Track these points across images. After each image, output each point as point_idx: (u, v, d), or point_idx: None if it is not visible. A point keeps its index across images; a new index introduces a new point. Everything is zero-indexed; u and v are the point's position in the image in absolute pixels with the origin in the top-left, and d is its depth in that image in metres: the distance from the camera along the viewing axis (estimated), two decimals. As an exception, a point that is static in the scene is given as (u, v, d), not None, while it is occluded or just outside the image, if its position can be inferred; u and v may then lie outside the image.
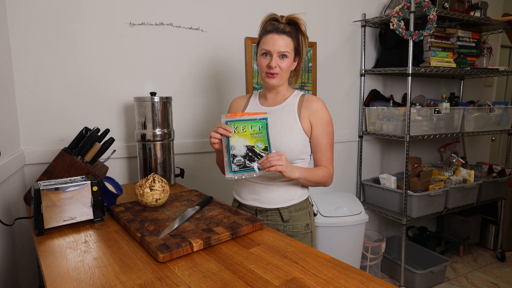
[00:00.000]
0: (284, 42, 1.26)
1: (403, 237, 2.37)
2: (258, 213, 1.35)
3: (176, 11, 1.93)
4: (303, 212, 1.35)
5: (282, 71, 1.28)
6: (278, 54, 1.26)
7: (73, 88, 1.73)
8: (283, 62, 1.27)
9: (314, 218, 1.42)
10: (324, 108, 1.32)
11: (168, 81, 1.95)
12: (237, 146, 1.19)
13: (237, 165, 1.19)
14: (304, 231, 1.35)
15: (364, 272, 0.84)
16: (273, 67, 1.26)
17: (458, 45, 2.49)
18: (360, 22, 2.55)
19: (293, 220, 1.33)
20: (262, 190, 1.33)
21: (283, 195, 1.32)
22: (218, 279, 0.82)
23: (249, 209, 1.38)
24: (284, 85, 1.35)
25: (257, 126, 1.20)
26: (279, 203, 1.32)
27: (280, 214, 1.33)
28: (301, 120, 1.30)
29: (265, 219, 1.34)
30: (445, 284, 2.54)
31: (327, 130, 1.31)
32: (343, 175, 2.67)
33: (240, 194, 1.41)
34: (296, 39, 1.30)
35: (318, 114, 1.30)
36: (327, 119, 1.31)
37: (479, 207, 3.13)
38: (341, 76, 2.56)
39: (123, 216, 1.17)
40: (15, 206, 1.50)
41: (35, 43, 1.63)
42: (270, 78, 1.29)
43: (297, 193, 1.34)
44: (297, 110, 1.31)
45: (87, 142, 1.40)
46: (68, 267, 0.87)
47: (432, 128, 2.42)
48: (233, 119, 1.20)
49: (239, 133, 1.20)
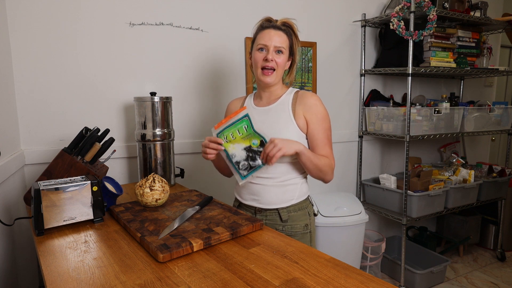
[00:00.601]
0: (281, 38, 1.28)
1: (403, 237, 2.37)
2: (258, 213, 1.36)
3: (176, 11, 1.93)
4: (302, 212, 1.35)
5: (278, 66, 1.29)
6: (274, 49, 1.27)
7: (73, 88, 1.73)
8: (279, 57, 1.28)
9: (314, 218, 1.42)
10: (318, 103, 1.30)
11: (168, 81, 1.95)
12: (237, 153, 1.23)
13: (243, 169, 1.24)
14: (303, 231, 1.35)
15: (364, 272, 0.84)
16: (270, 60, 1.27)
17: (458, 45, 2.49)
18: (360, 22, 2.55)
19: (292, 220, 1.33)
20: (261, 191, 1.33)
21: (281, 196, 1.32)
22: (218, 279, 0.82)
23: (248, 208, 1.38)
24: (279, 83, 1.35)
25: (243, 127, 1.23)
26: (278, 204, 1.32)
27: (279, 214, 1.33)
28: (296, 117, 1.29)
29: (264, 218, 1.34)
30: (445, 284, 2.54)
31: (323, 125, 1.29)
32: (343, 175, 2.67)
33: (240, 194, 1.41)
34: (290, 38, 1.32)
35: (312, 110, 1.28)
36: (323, 114, 1.30)
37: (479, 207, 3.13)
38: (341, 76, 2.55)
39: (123, 216, 1.17)
40: (15, 206, 1.50)
41: (35, 43, 1.63)
42: (265, 76, 1.29)
43: (296, 194, 1.34)
44: (291, 108, 1.30)
45: (87, 142, 1.40)
46: (68, 267, 0.87)
47: (432, 128, 2.42)
48: (221, 129, 1.24)
49: (231, 140, 1.23)
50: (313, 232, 1.39)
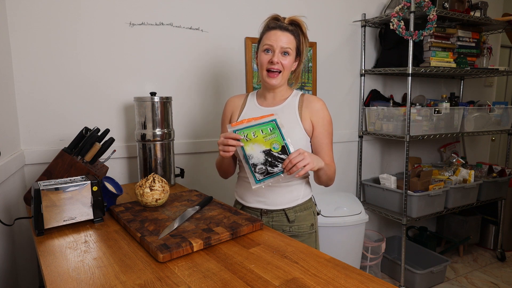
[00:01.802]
0: (287, 39, 1.25)
1: (403, 237, 2.37)
2: (263, 215, 1.34)
3: (176, 11, 1.93)
4: (308, 212, 1.35)
5: (284, 68, 1.26)
6: (280, 51, 1.25)
7: (73, 88, 1.73)
8: (285, 59, 1.26)
9: (317, 218, 1.42)
10: (324, 108, 1.32)
11: (168, 81, 1.95)
12: (255, 154, 1.15)
13: (260, 173, 1.16)
14: (309, 231, 1.35)
15: (364, 272, 0.84)
16: (275, 62, 1.24)
17: (458, 45, 2.49)
18: (360, 22, 2.55)
19: (299, 221, 1.33)
20: (267, 193, 1.31)
21: (288, 196, 1.32)
22: (218, 279, 0.82)
23: (253, 211, 1.36)
24: (284, 85, 1.34)
25: (267, 128, 1.16)
26: (284, 204, 1.32)
27: (286, 215, 1.32)
28: (302, 120, 1.29)
29: (271, 220, 1.33)
30: (445, 284, 2.54)
31: (328, 130, 1.31)
32: (343, 175, 2.67)
33: (243, 197, 1.39)
34: (298, 38, 1.29)
35: (319, 114, 1.30)
36: (328, 119, 1.32)
37: (479, 207, 3.13)
38: (341, 76, 2.55)
39: (123, 216, 1.17)
40: (15, 206, 1.50)
41: (35, 43, 1.63)
42: (271, 78, 1.27)
43: (301, 193, 1.34)
44: (298, 110, 1.30)
45: (87, 142, 1.40)
46: (68, 267, 0.87)
47: (432, 128, 2.42)
48: (240, 127, 1.16)
49: (251, 140, 1.15)
50: (317, 232, 1.40)
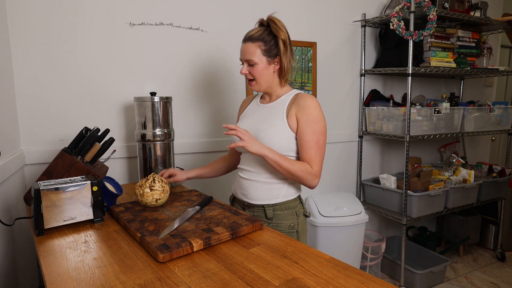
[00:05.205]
0: (248, 50, 1.30)
1: (403, 237, 2.37)
2: (246, 208, 1.39)
3: (176, 11, 1.93)
4: (289, 212, 1.35)
5: (255, 77, 1.33)
6: (246, 63, 1.32)
7: (73, 88, 1.73)
8: (253, 69, 1.32)
9: (305, 220, 1.40)
10: (313, 105, 1.27)
11: (168, 81, 1.95)
12: None
13: None
14: (288, 231, 1.34)
15: (364, 272, 0.84)
16: (242, 73, 1.33)
17: (458, 45, 2.48)
18: (360, 22, 2.55)
19: (277, 219, 1.34)
20: (249, 186, 1.37)
21: (267, 193, 1.34)
22: (218, 279, 0.82)
23: (239, 203, 1.43)
24: (274, 86, 1.37)
25: None
26: (264, 200, 1.35)
27: (264, 211, 1.35)
28: (288, 116, 1.29)
29: (252, 214, 1.37)
30: (445, 284, 2.54)
31: (313, 128, 1.26)
32: (343, 175, 2.67)
33: (234, 189, 1.47)
34: (265, 40, 1.29)
35: (305, 110, 1.27)
36: (315, 116, 1.26)
37: (479, 207, 3.13)
38: (341, 76, 2.55)
39: (123, 216, 1.17)
40: (15, 206, 1.50)
41: (35, 43, 1.63)
42: (251, 85, 1.37)
43: (282, 192, 1.34)
44: (286, 107, 1.32)
45: (87, 142, 1.40)
46: (68, 267, 0.87)
47: (432, 128, 2.42)
48: None
49: None
50: (302, 233, 1.38)
